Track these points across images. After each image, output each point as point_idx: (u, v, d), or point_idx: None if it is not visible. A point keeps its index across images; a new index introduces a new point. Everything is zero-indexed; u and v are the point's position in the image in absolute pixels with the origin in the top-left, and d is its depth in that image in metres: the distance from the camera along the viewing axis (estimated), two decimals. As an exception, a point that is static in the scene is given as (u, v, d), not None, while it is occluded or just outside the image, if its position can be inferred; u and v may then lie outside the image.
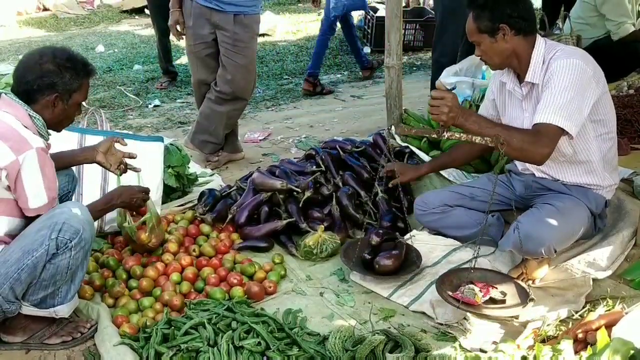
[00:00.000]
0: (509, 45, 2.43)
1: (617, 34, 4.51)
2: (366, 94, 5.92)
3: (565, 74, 2.33)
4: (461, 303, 2.28)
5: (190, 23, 3.76)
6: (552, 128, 2.28)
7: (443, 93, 2.26)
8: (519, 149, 2.29)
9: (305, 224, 2.99)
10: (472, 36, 2.47)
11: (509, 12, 2.41)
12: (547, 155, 2.31)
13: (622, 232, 2.66)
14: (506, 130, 2.34)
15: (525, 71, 2.46)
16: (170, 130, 4.97)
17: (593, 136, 2.49)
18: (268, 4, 11.02)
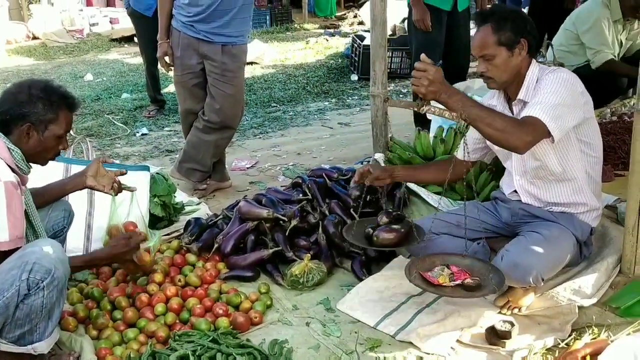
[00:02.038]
0: (519, 62, 2.47)
1: (595, 63, 4.56)
2: (354, 121, 5.95)
3: (556, 83, 2.39)
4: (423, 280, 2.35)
5: (178, 53, 3.78)
6: (538, 122, 2.30)
7: (426, 65, 2.21)
8: (501, 129, 2.25)
9: (291, 253, 2.98)
10: (487, 49, 2.43)
11: (529, 29, 2.47)
12: (528, 144, 2.29)
13: (606, 259, 2.67)
14: (490, 111, 2.33)
15: (517, 91, 2.50)
16: (158, 158, 4.97)
17: (580, 155, 2.53)
18: (256, 33, 11.13)
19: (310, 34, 11.54)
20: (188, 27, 3.69)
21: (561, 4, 5.36)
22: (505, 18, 2.43)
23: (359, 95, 6.98)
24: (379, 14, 3.69)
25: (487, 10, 2.53)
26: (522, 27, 2.44)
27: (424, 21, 4.36)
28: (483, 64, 2.47)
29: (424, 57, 2.23)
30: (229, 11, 3.64)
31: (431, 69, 2.19)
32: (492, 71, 2.46)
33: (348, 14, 13.41)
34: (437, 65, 2.24)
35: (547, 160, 2.49)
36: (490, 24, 2.43)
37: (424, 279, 2.39)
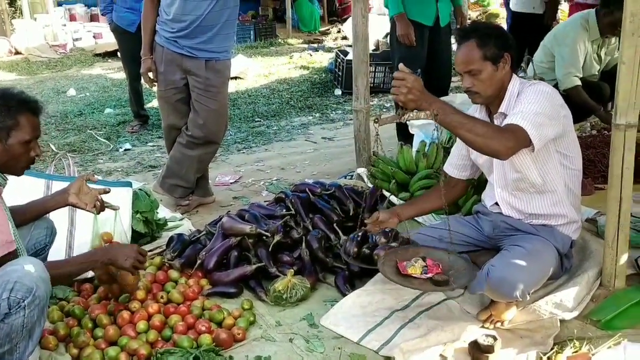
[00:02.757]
0: (503, 76, 2.51)
1: (563, 84, 4.57)
2: (337, 136, 5.97)
3: (537, 94, 2.43)
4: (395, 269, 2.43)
5: (162, 69, 3.78)
6: (519, 129, 2.33)
7: (405, 74, 2.21)
8: (482, 134, 2.27)
9: (274, 269, 2.98)
10: (472, 64, 2.46)
11: (510, 43, 2.52)
12: (510, 149, 2.31)
13: (587, 273, 2.70)
14: (471, 118, 2.36)
15: (498, 104, 2.54)
16: (141, 174, 4.95)
17: (560, 167, 2.57)
18: (240, 47, 11.16)
19: (294, 48, 11.60)
20: (171, 42, 3.70)
21: (541, 21, 5.43)
22: (488, 34, 2.47)
23: (342, 110, 7.01)
24: (360, 30, 3.73)
25: (469, 26, 2.57)
26: (505, 42, 2.49)
27: (408, 36, 4.41)
28: (468, 79, 2.49)
29: (402, 66, 2.24)
30: (212, 27, 3.65)
31: (410, 77, 2.21)
32: (478, 86, 2.49)
33: (332, 29, 13.51)
34: (416, 74, 2.26)
35: (527, 172, 2.52)
36: (475, 39, 2.46)
37: (397, 268, 2.45)
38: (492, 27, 2.59)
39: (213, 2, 3.59)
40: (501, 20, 11.56)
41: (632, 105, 2.42)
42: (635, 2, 2.31)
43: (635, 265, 2.76)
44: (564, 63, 4.58)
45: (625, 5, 2.34)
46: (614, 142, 2.51)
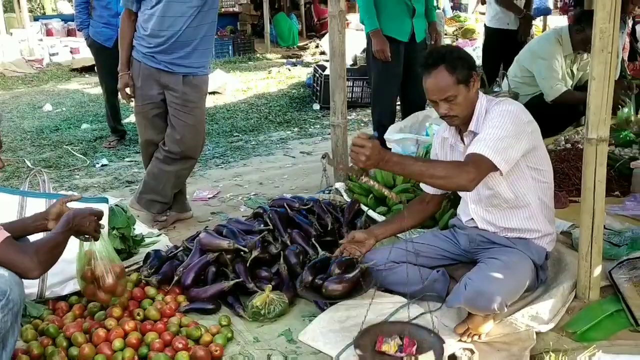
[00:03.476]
0: (474, 95, 2.55)
1: (550, 96, 4.69)
2: (316, 150, 5.98)
3: (501, 115, 2.46)
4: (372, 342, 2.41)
5: (139, 84, 3.77)
6: (483, 159, 2.38)
7: (363, 142, 2.25)
8: (443, 176, 2.34)
9: (252, 284, 2.96)
10: (448, 91, 2.47)
11: (473, 62, 2.56)
12: (473, 181, 2.36)
13: (562, 285, 2.73)
14: (428, 163, 2.44)
15: (468, 122, 2.57)
16: (118, 189, 4.91)
17: (532, 182, 2.60)
18: (219, 62, 11.18)
19: (273, 63, 11.64)
20: (149, 57, 3.69)
21: (515, 36, 5.53)
22: (455, 57, 2.49)
23: (320, 124, 7.03)
24: (337, 46, 3.76)
25: (434, 54, 2.53)
26: (470, 62, 2.52)
27: (384, 52, 4.45)
28: (445, 106, 2.51)
29: (361, 134, 2.29)
30: (190, 42, 3.65)
31: (368, 144, 2.24)
32: (456, 110, 2.51)
33: (310, 44, 13.58)
34: (373, 138, 2.29)
35: (499, 189, 2.56)
36: (444, 65, 2.47)
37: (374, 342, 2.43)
38: (455, 50, 2.60)
39: (191, 18, 3.59)
40: (477, 35, 11.74)
41: (603, 120, 2.47)
42: (604, 20, 2.36)
43: (609, 277, 2.80)
44: (545, 76, 4.67)
45: (595, 22, 2.39)
46: (586, 156, 2.55)
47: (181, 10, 3.56)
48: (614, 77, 5.09)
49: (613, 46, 2.40)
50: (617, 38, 2.41)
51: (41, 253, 2.15)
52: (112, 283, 2.65)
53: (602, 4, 2.36)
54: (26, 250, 2.13)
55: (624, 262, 2.84)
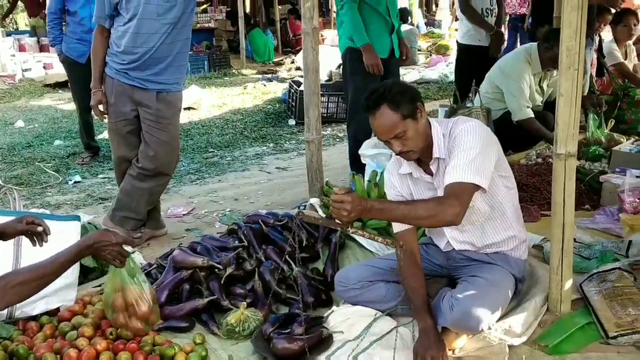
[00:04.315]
0: (425, 125, 2.50)
1: (517, 116, 4.77)
2: (291, 166, 5.99)
3: (467, 133, 2.45)
4: None
5: (112, 100, 3.74)
6: (463, 186, 2.36)
7: (342, 197, 2.23)
8: (427, 216, 2.33)
9: (227, 302, 2.95)
10: (396, 129, 2.42)
11: (415, 93, 2.52)
12: (459, 214, 2.33)
13: (535, 298, 2.76)
14: (410, 205, 2.40)
15: (428, 152, 2.54)
16: (91, 206, 4.86)
17: (505, 190, 2.62)
18: (194, 78, 11.15)
19: (248, 79, 11.64)
20: (122, 74, 3.67)
21: (487, 53, 5.61)
22: (395, 93, 2.42)
23: (296, 140, 7.04)
24: (311, 63, 3.79)
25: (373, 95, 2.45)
26: (412, 94, 2.46)
27: (377, 65, 4.45)
28: (397, 143, 2.45)
29: (337, 189, 2.28)
30: (164, 59, 3.65)
31: (347, 199, 2.21)
32: (409, 144, 2.46)
33: (285, 60, 13.63)
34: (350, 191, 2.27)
35: (475, 204, 2.54)
36: (386, 104, 2.41)
37: None
38: (395, 85, 2.50)
39: (165, 34, 3.59)
40: (451, 51, 11.89)
41: (571, 135, 2.51)
42: (570, 38, 2.41)
43: (580, 290, 2.83)
44: (514, 97, 4.75)
45: (562, 40, 2.44)
46: (556, 170, 2.59)
47: (155, 27, 3.56)
48: (584, 92, 5.25)
49: (580, 63, 2.45)
50: (583, 55, 2.46)
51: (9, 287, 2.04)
52: (147, 310, 2.60)
53: (568, 22, 2.41)
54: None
55: (594, 275, 2.87)
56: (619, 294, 2.70)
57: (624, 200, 3.60)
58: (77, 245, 2.29)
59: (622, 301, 2.65)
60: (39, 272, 2.15)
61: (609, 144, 4.77)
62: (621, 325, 2.53)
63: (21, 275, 2.12)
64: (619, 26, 5.91)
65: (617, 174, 4.02)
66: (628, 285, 2.74)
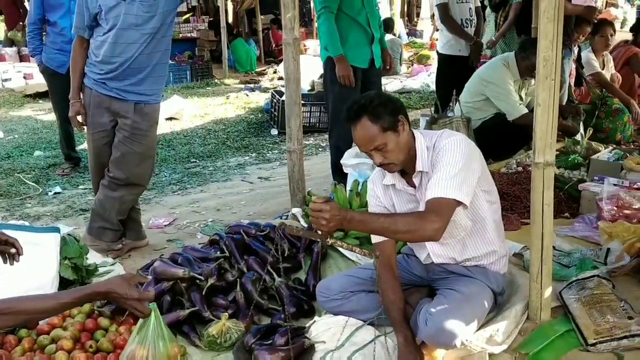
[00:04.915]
0: (407, 138, 2.50)
1: (512, 115, 4.84)
2: (274, 175, 5.99)
3: (451, 148, 2.44)
4: None
5: (90, 111, 3.73)
6: (444, 202, 2.36)
7: (320, 205, 2.22)
8: (406, 231, 2.32)
9: (208, 313, 2.93)
10: (375, 141, 2.42)
11: (399, 105, 2.52)
12: (439, 230, 2.32)
13: (515, 307, 2.77)
14: (390, 218, 2.40)
15: (412, 164, 2.54)
16: (71, 218, 4.81)
17: (486, 205, 2.62)
18: (176, 88, 11.13)
19: (231, 89, 11.63)
20: (99, 84, 3.66)
21: (467, 63, 5.67)
22: (376, 105, 2.42)
23: (279, 150, 7.05)
24: (292, 73, 3.80)
25: (355, 106, 2.46)
26: (394, 106, 2.46)
27: (349, 77, 4.48)
28: (377, 155, 2.46)
29: (315, 198, 2.28)
30: (142, 69, 3.64)
31: (325, 208, 2.21)
32: (390, 157, 2.46)
33: (268, 70, 13.64)
34: (329, 200, 2.27)
35: (457, 218, 2.52)
36: (366, 116, 2.41)
37: None
38: (376, 97, 2.50)
39: (144, 45, 3.59)
40: (432, 61, 11.99)
41: (549, 144, 2.53)
42: (547, 48, 2.45)
43: (560, 297, 2.86)
44: (504, 98, 4.82)
45: (539, 50, 2.48)
46: (534, 180, 2.61)
47: (134, 37, 3.55)
48: (562, 102, 5.33)
49: (556, 73, 2.48)
50: (559, 66, 2.49)
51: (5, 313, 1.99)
52: None
53: (544, 33, 2.45)
54: None
55: (573, 282, 2.90)
56: (597, 301, 2.73)
57: (602, 208, 3.65)
58: (90, 289, 2.21)
59: (601, 308, 2.68)
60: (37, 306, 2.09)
61: (587, 152, 4.83)
62: (600, 332, 2.55)
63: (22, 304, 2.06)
64: (596, 37, 6.00)
65: (595, 182, 4.08)
66: (606, 293, 2.77)
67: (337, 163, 4.53)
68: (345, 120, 2.50)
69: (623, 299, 2.75)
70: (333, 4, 4.43)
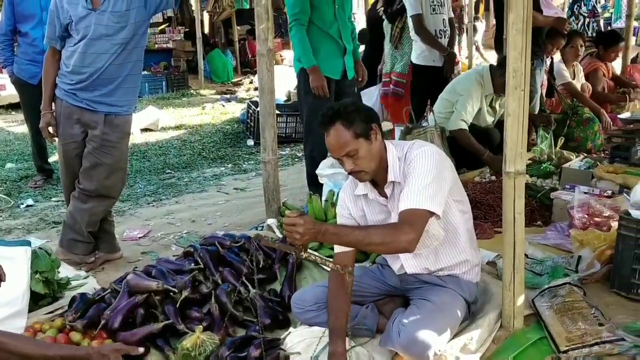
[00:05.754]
0: (379, 147, 2.51)
1: (450, 126, 4.90)
2: (249, 186, 5.97)
3: (422, 159, 2.46)
4: None
5: (61, 122, 3.69)
6: (418, 213, 2.37)
7: (294, 219, 2.23)
8: (380, 243, 2.33)
9: (182, 326, 2.90)
10: (347, 146, 2.43)
11: (373, 114, 2.55)
12: (413, 241, 2.33)
13: (488, 315, 2.79)
14: (364, 231, 2.41)
15: (383, 174, 2.56)
16: (43, 231, 4.74)
17: (458, 214, 2.64)
18: (152, 98, 11.07)
19: (207, 99, 11.60)
20: (70, 95, 3.62)
21: (441, 73, 5.72)
22: (350, 112, 2.44)
23: (254, 160, 7.03)
24: (266, 84, 3.81)
25: (329, 111, 2.48)
26: (368, 115, 2.49)
27: (322, 88, 4.49)
28: (349, 162, 2.46)
29: (289, 212, 2.29)
30: (113, 80, 3.61)
31: (299, 222, 2.22)
32: (361, 164, 2.47)
33: (244, 80, 13.64)
34: (303, 213, 2.28)
35: (430, 228, 2.53)
36: (340, 122, 2.42)
37: None
38: (351, 104, 2.53)
39: (114, 55, 3.56)
40: (407, 71, 12.05)
41: (519, 154, 2.56)
42: (516, 60, 2.48)
43: (532, 305, 2.89)
44: (456, 110, 4.90)
45: (508, 61, 2.51)
46: (505, 189, 2.63)
47: (104, 47, 3.53)
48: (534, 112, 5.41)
49: (526, 84, 2.52)
50: (528, 76, 2.53)
51: None
52: None
53: (513, 45, 2.49)
54: None
55: (546, 290, 2.94)
56: (569, 308, 2.76)
57: (573, 216, 3.70)
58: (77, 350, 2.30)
59: (573, 316, 2.71)
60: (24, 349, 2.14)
61: (559, 161, 4.90)
62: (571, 339, 2.58)
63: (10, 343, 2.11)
64: (567, 47, 6.11)
65: (567, 191, 4.14)
66: (578, 300, 2.81)
67: (312, 173, 4.54)
68: (319, 126, 2.52)
69: (594, 306, 2.79)
70: (304, 17, 4.45)
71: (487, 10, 18.10)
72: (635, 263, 2.97)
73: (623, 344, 2.51)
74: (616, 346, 2.51)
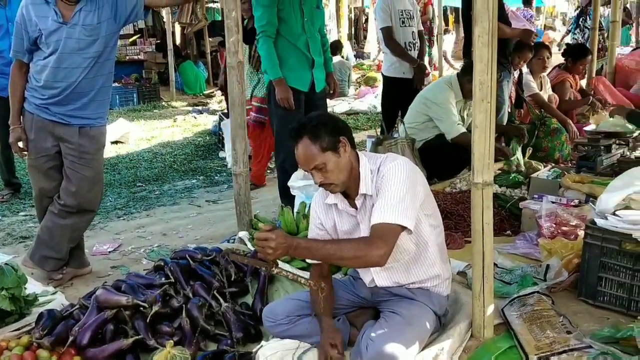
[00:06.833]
0: (348, 159, 2.52)
1: (451, 134, 4.95)
2: (222, 199, 5.94)
3: (394, 173, 2.46)
4: None
5: (32, 136, 3.64)
6: (389, 227, 2.38)
7: (266, 234, 2.23)
8: (352, 257, 2.34)
9: (153, 341, 2.87)
10: (314, 160, 2.45)
11: (341, 126, 2.56)
12: (384, 255, 2.34)
13: (459, 325, 2.81)
14: (336, 245, 2.42)
15: (355, 186, 2.56)
16: (11, 246, 4.66)
17: (429, 229, 2.65)
18: (123, 111, 10.98)
19: (178, 111, 11.54)
20: (42, 109, 3.58)
21: (411, 85, 5.79)
22: (316, 125, 2.46)
23: (227, 172, 6.98)
24: (237, 96, 3.81)
25: (297, 126, 2.50)
26: (335, 127, 2.50)
27: (288, 100, 4.51)
28: (318, 174, 2.48)
29: (262, 226, 2.29)
30: (86, 93, 3.58)
31: (271, 237, 2.22)
32: (330, 177, 2.48)
33: (216, 92, 13.59)
34: (275, 228, 2.28)
35: (400, 242, 2.52)
36: (306, 136, 2.44)
37: None
38: (318, 117, 2.55)
39: (87, 69, 3.53)
40: (379, 83, 12.17)
41: (487, 165, 2.60)
42: (482, 72, 2.53)
43: (502, 314, 2.92)
44: (444, 118, 4.93)
45: (475, 74, 2.55)
46: (474, 199, 2.66)
47: (77, 62, 3.50)
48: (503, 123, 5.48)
49: (492, 96, 2.56)
50: (495, 88, 2.57)
51: None
52: None
53: (479, 57, 2.53)
54: None
55: (515, 299, 2.97)
56: (538, 317, 2.80)
57: (541, 225, 3.75)
58: None
59: (541, 324, 2.75)
60: None
61: (527, 171, 4.98)
62: (540, 347, 2.61)
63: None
64: (534, 59, 6.22)
65: (535, 200, 4.19)
66: (546, 309, 2.85)
67: (284, 185, 4.54)
68: (290, 140, 2.52)
69: (562, 314, 2.83)
70: (271, 29, 4.46)
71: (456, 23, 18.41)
72: (601, 271, 3.02)
73: (590, 351, 2.55)
74: (584, 354, 2.55)
